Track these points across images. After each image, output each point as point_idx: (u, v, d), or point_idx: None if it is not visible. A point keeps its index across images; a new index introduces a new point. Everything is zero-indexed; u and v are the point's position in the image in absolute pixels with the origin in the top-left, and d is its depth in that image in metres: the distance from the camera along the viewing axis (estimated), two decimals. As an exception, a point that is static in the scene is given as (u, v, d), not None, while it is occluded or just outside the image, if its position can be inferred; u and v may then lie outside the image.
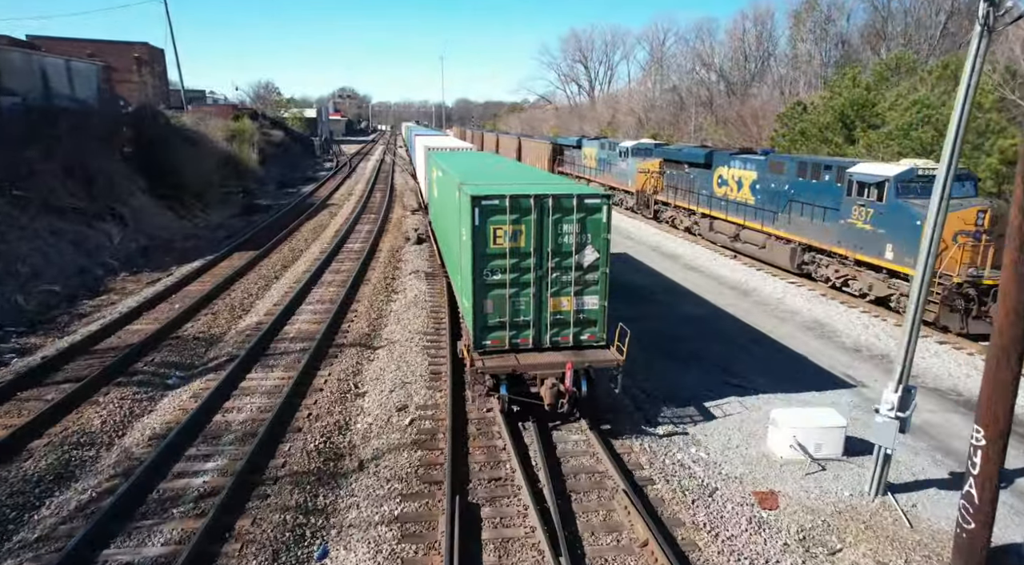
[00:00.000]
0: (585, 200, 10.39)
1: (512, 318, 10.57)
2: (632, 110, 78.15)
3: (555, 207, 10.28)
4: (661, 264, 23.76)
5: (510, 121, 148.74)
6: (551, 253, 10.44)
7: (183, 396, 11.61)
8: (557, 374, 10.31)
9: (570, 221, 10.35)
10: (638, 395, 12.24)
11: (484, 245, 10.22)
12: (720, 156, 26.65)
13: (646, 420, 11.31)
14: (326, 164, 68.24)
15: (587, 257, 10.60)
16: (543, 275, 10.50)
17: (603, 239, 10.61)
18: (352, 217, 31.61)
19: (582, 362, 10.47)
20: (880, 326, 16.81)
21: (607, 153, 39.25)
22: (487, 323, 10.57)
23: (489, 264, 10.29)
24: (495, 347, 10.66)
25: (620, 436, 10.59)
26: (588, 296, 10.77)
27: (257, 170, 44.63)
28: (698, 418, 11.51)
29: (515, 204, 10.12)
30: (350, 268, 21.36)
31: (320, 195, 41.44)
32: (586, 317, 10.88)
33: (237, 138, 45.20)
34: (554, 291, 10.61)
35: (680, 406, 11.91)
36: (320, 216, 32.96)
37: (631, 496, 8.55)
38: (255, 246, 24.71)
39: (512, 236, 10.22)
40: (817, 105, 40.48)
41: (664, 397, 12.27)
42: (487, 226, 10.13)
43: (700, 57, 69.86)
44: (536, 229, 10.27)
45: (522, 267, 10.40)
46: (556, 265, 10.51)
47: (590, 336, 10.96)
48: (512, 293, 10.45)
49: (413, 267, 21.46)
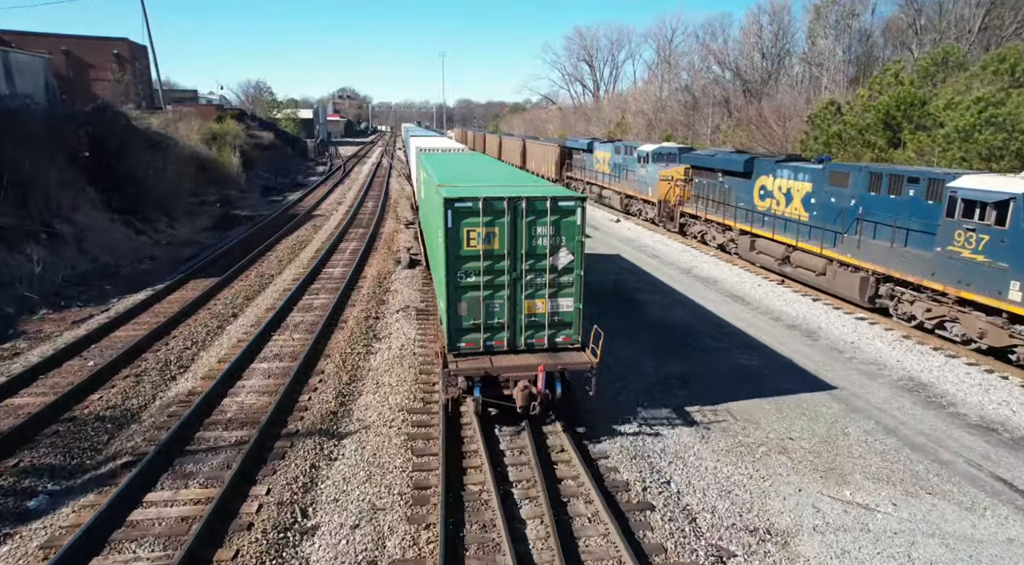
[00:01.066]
0: (559, 202, 10.28)
1: (486, 320, 10.48)
2: (641, 111, 74.27)
3: (529, 209, 10.18)
4: (699, 292, 19.92)
5: (513, 122, 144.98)
6: (525, 255, 10.36)
7: (36, 537, 7.74)
8: (530, 376, 10.12)
9: (544, 223, 10.28)
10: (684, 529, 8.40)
11: (458, 247, 10.12)
12: (764, 164, 22.82)
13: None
14: (319, 168, 64.46)
15: (561, 259, 10.51)
16: (517, 277, 10.42)
17: (577, 241, 10.49)
18: (337, 232, 27.82)
19: (555, 364, 10.32)
20: (1006, 389, 12.96)
21: (623, 158, 35.42)
22: (461, 325, 10.46)
23: (463, 266, 10.19)
24: (470, 349, 10.55)
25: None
26: (563, 298, 10.69)
27: (239, 176, 40.86)
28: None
29: (488, 206, 10.02)
30: (324, 303, 17.54)
31: (307, 204, 37.64)
32: (561, 319, 10.80)
33: (218, 141, 41.45)
34: (528, 293, 10.54)
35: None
36: (302, 231, 29.15)
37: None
38: (219, 270, 20.90)
39: (486, 238, 10.13)
40: (854, 105, 36.64)
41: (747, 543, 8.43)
42: (460, 228, 10.03)
43: (714, 55, 65.88)
44: (510, 231, 10.18)
45: (496, 269, 10.32)
46: (530, 267, 10.45)
47: (565, 338, 10.87)
48: (486, 295, 10.37)
49: (403, 300, 17.65)
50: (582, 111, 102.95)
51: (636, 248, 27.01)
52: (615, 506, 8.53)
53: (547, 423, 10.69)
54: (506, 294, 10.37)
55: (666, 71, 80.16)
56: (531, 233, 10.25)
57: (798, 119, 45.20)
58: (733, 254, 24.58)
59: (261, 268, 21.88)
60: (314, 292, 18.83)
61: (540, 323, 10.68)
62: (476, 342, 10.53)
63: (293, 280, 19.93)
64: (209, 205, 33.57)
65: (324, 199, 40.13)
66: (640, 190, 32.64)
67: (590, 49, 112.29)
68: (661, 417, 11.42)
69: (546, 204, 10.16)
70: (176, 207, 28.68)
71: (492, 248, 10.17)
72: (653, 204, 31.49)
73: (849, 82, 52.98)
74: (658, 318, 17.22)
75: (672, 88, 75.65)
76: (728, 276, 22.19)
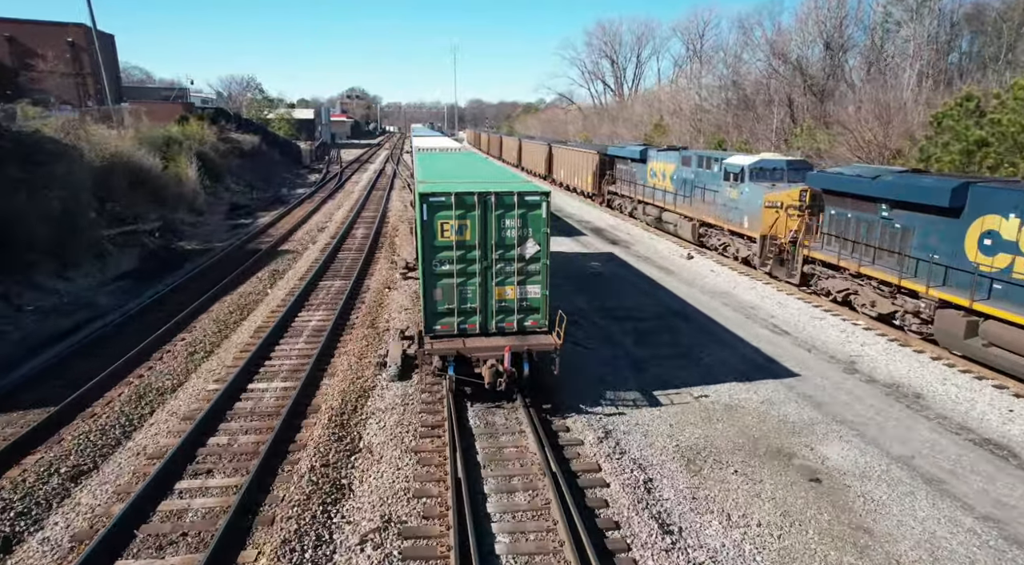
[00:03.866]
0: (525, 197, 11.00)
1: (460, 305, 11.27)
2: (679, 110, 65.02)
3: (498, 203, 10.94)
4: (922, 437, 10.89)
5: (528, 123, 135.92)
6: (495, 245, 11.12)
7: None
8: (498, 356, 10.93)
9: (512, 216, 11.03)
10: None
11: (432, 238, 10.91)
12: (992, 194, 13.71)
13: None
14: (311, 177, 55.69)
15: (528, 249, 11.22)
16: (488, 266, 11.17)
17: (543, 233, 11.16)
18: (302, 287, 18.98)
19: (521, 346, 11.13)
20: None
21: (695, 172, 26.42)
22: (437, 310, 11.27)
23: (437, 255, 11.00)
24: (445, 332, 11.37)
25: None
26: (531, 285, 11.43)
27: (197, 192, 32.13)
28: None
29: (460, 201, 10.81)
30: (218, 508, 8.68)
31: (278, 231, 28.88)
32: (529, 305, 11.53)
33: (172, 148, 32.81)
34: (499, 281, 11.30)
35: None
36: (252, 282, 20.30)
37: None
38: (69, 382, 12.15)
39: (458, 230, 10.92)
40: (1006, 100, 27.37)
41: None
42: (435, 220, 10.83)
43: (771, 46, 56.34)
44: (480, 224, 10.96)
45: (468, 258, 11.10)
46: (500, 256, 11.20)
47: (533, 322, 11.61)
48: (459, 282, 11.16)
49: (387, 489, 8.84)
50: (607, 111, 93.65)
51: (739, 310, 17.98)
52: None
53: (512, 400, 11.42)
54: (478, 281, 11.24)
55: (704, 66, 70.62)
56: (500, 225, 11.07)
57: (900, 120, 36.00)
58: (924, 336, 15.44)
59: (150, 373, 13.02)
60: (212, 456, 9.91)
61: (510, 308, 11.50)
62: (451, 325, 11.39)
63: (184, 418, 11.06)
64: (143, 236, 24.89)
65: (303, 223, 31.32)
66: (728, 218, 23.60)
67: (613, 44, 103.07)
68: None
69: (513, 199, 10.98)
70: (75, 246, 19.97)
71: (464, 239, 11.01)
72: (749, 239, 22.50)
73: (942, 75, 43.70)
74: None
75: (714, 85, 66.20)
76: (939, 389, 13.06)
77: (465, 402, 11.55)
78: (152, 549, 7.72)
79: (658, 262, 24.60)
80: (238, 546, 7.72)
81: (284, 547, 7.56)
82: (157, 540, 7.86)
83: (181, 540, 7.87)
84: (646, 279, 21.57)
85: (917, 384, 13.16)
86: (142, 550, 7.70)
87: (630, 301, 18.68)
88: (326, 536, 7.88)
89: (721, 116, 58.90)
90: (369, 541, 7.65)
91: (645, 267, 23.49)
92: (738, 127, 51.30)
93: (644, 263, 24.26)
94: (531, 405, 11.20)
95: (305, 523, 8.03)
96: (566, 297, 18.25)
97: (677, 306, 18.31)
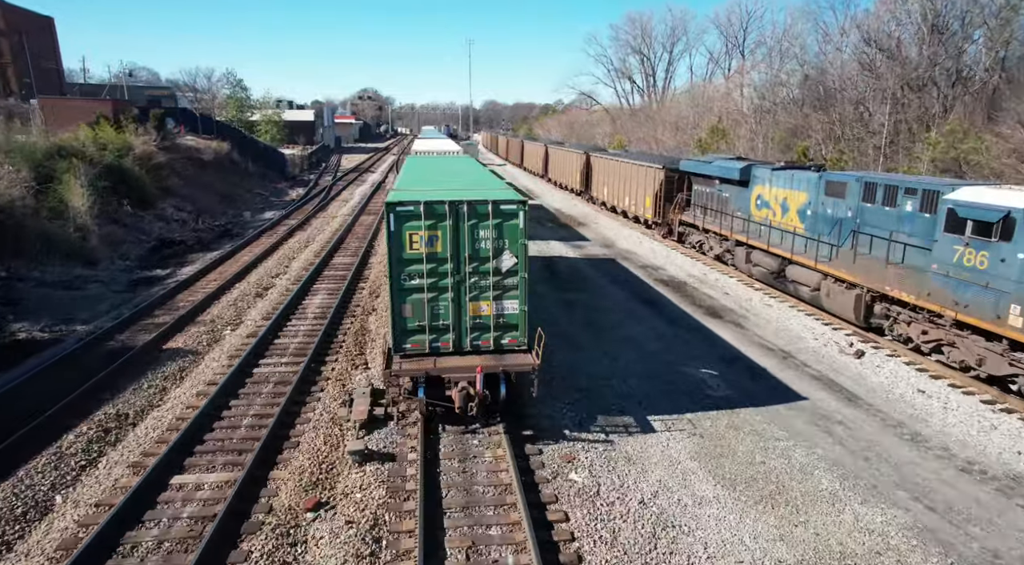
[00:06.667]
0: (501, 206, 10.18)
1: (431, 322, 10.44)
2: (739, 112, 54.34)
3: (470, 212, 10.12)
4: None
5: (548, 125, 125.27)
6: (469, 258, 10.30)
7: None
8: (471, 377, 10.04)
9: (486, 226, 10.20)
10: None
11: (400, 250, 10.12)
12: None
13: None
14: (294, 191, 45.52)
15: (505, 262, 10.44)
16: (461, 280, 10.35)
17: (520, 244, 10.37)
18: (142, 479, 8.89)
19: (496, 366, 10.28)
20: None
21: (858, 206, 16.08)
22: (407, 327, 10.44)
23: (406, 269, 10.20)
24: (415, 350, 10.53)
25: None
26: (508, 301, 10.60)
27: (90, 231, 22.01)
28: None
29: (430, 210, 9.99)
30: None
31: (198, 293, 18.77)
32: (506, 321, 10.71)
33: (61, 164, 22.89)
34: (473, 296, 10.45)
35: None
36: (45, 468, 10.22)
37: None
38: None
39: (428, 241, 10.10)
40: None
41: None
42: (403, 231, 10.03)
43: (867, 32, 44.96)
44: (452, 235, 10.14)
45: (440, 272, 10.28)
46: (474, 270, 10.37)
47: (511, 340, 10.77)
48: (431, 297, 10.32)
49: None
50: (641, 112, 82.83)
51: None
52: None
53: (491, 424, 10.60)
54: (450, 296, 10.35)
55: (773, 58, 59.54)
56: (474, 236, 10.19)
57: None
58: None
59: None
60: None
61: (486, 325, 10.61)
62: (422, 343, 10.51)
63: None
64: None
65: (242, 277, 21.06)
66: (957, 298, 13.08)
67: (646, 36, 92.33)
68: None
69: (488, 207, 10.10)
70: None
71: (435, 251, 10.14)
72: (1008, 342, 12.03)
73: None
74: None
75: (776, 82, 55.26)
76: None
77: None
78: None
79: (812, 365, 14.25)
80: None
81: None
82: None
83: None
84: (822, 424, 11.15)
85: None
86: None
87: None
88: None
89: (791, 118, 48.21)
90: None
91: (797, 381, 13.16)
92: (831, 133, 40.33)
93: (785, 368, 13.95)
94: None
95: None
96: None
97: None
